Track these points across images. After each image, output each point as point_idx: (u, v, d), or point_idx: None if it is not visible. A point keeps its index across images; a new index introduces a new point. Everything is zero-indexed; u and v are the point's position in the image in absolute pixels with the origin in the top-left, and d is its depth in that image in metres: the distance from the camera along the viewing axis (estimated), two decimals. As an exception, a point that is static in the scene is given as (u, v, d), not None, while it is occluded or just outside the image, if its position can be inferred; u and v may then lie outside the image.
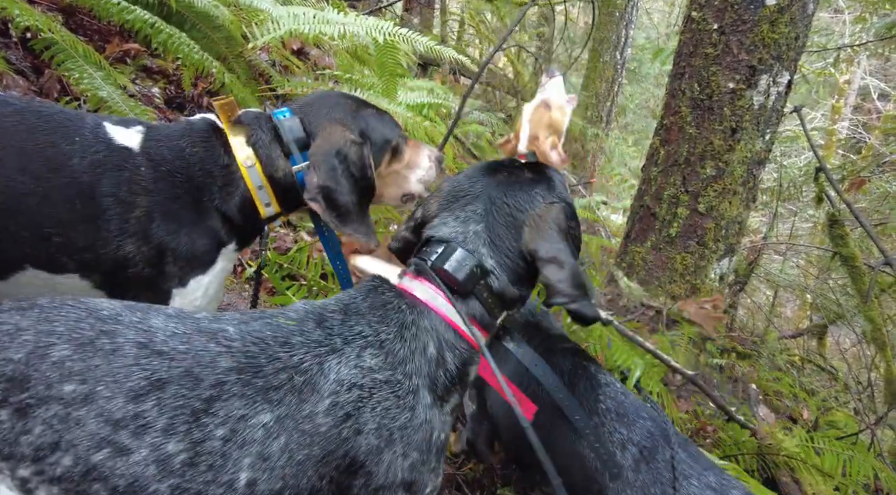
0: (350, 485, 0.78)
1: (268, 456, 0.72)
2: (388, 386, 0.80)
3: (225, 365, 0.74)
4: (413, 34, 2.53)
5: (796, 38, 2.44)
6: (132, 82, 2.51)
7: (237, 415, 0.71)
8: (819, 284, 5.04)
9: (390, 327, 0.85)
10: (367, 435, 0.78)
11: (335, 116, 1.17)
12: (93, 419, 0.66)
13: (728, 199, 2.53)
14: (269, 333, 0.79)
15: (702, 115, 2.50)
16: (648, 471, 1.06)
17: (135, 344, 0.72)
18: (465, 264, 0.89)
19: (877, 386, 3.88)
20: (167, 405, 0.69)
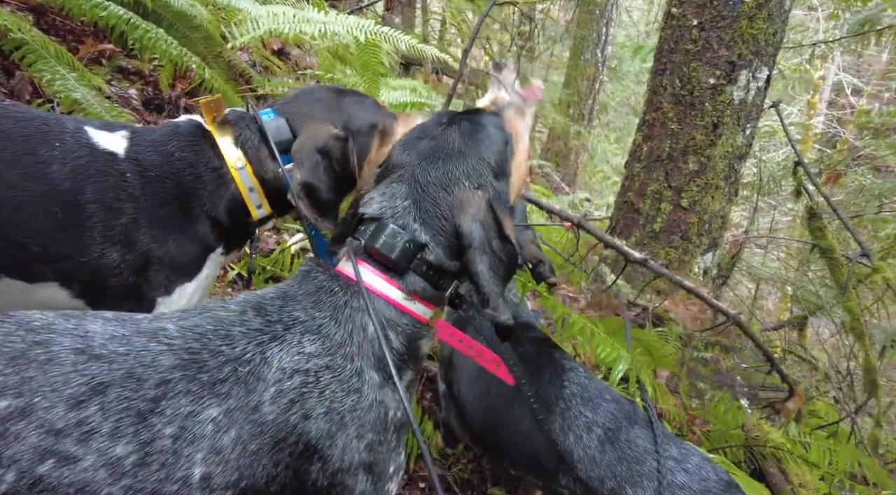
0: (307, 470, 0.78)
1: (220, 449, 0.72)
2: (329, 371, 0.80)
3: (168, 363, 0.73)
4: (395, 33, 2.51)
5: (774, 33, 2.47)
6: (108, 84, 2.45)
7: (185, 412, 0.71)
8: (799, 276, 5.13)
9: (324, 311, 0.84)
10: (317, 419, 0.78)
11: (317, 113, 1.16)
12: (33, 431, 0.65)
13: (711, 194, 2.55)
14: (210, 327, 0.78)
15: (683, 111, 2.53)
16: (613, 451, 1.11)
17: (71, 350, 0.71)
18: (397, 240, 0.86)
19: (856, 375, 3.96)
20: (111, 408, 0.69)
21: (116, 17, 2.10)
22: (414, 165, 0.90)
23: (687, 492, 1.02)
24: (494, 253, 0.86)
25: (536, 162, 5.65)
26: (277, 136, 1.12)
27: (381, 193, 0.90)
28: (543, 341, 1.36)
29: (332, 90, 1.22)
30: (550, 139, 6.79)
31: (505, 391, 1.27)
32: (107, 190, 1.01)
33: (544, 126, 6.67)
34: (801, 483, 1.55)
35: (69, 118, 1.10)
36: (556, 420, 1.17)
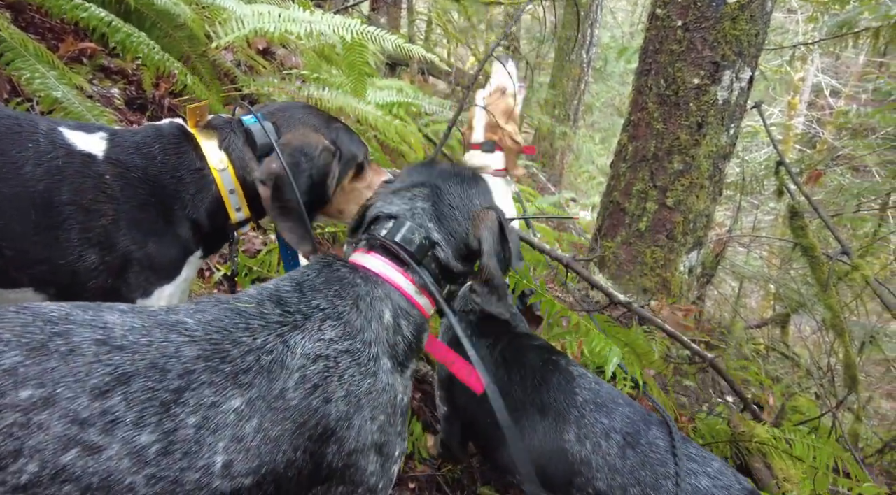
0: (324, 453, 0.81)
1: (242, 437, 0.74)
2: (349, 355, 0.84)
3: (190, 354, 0.74)
4: (381, 33, 2.50)
5: (756, 34, 2.51)
6: (89, 83, 2.41)
7: (208, 403, 0.73)
8: (781, 275, 5.21)
9: (346, 300, 0.88)
10: (336, 402, 0.81)
11: (310, 122, 1.16)
12: (57, 421, 0.65)
13: (696, 193, 2.58)
14: (228, 319, 0.80)
15: (668, 111, 2.55)
16: (635, 456, 1.08)
17: (92, 342, 0.71)
18: (415, 235, 0.95)
19: (836, 371, 4.03)
20: (135, 399, 0.70)
21: (97, 18, 2.07)
22: (435, 179, 1.02)
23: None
24: (499, 257, 0.99)
25: (522, 162, 5.67)
26: (263, 138, 1.11)
27: (401, 197, 1.00)
28: (546, 349, 1.34)
29: (326, 113, 1.25)
30: (536, 139, 6.83)
31: (509, 404, 1.22)
32: (85, 191, 0.99)
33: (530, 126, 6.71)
34: (786, 477, 1.57)
35: (42, 118, 1.07)
36: (570, 429, 1.14)
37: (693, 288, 2.91)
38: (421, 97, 4.37)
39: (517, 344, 1.34)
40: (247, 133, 1.12)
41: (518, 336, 1.39)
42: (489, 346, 1.35)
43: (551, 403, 1.19)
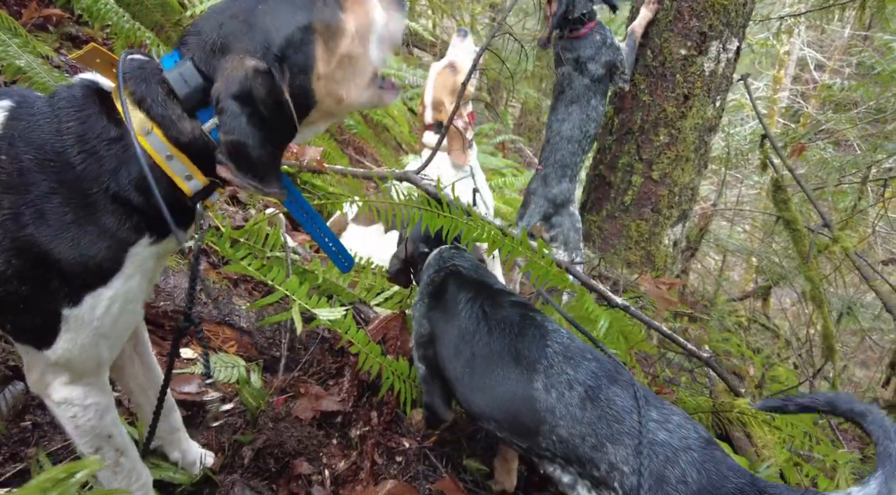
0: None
1: None
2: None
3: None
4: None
5: (744, 4, 2.47)
6: (56, 52, 2.31)
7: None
8: (764, 248, 5.28)
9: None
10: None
11: (228, 42, 0.88)
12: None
13: (681, 166, 2.57)
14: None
15: (655, 82, 2.52)
16: (594, 409, 1.13)
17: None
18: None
19: (814, 342, 4.13)
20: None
21: (61, -19, 1.97)
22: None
23: (667, 448, 1.05)
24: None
25: (508, 137, 5.62)
26: (185, 88, 0.87)
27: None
28: (524, 305, 1.39)
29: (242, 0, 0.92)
30: (523, 113, 6.75)
31: (486, 353, 1.29)
32: None
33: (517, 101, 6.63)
34: (764, 444, 1.61)
35: None
36: (539, 378, 1.20)
37: (677, 261, 2.93)
38: (405, 69, 4.27)
39: (497, 298, 1.39)
40: (166, 82, 0.88)
41: (498, 291, 1.43)
42: (469, 299, 1.39)
43: (524, 353, 1.24)
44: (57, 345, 0.90)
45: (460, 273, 1.50)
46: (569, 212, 2.36)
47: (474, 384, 1.29)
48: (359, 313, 1.96)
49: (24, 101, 0.88)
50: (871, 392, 4.10)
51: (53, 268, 0.84)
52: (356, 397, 1.74)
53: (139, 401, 1.29)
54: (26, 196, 0.82)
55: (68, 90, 0.89)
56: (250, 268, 1.63)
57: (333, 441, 1.63)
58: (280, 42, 0.89)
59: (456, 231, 1.52)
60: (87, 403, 0.98)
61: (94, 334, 0.92)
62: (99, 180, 0.85)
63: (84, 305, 0.88)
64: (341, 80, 0.97)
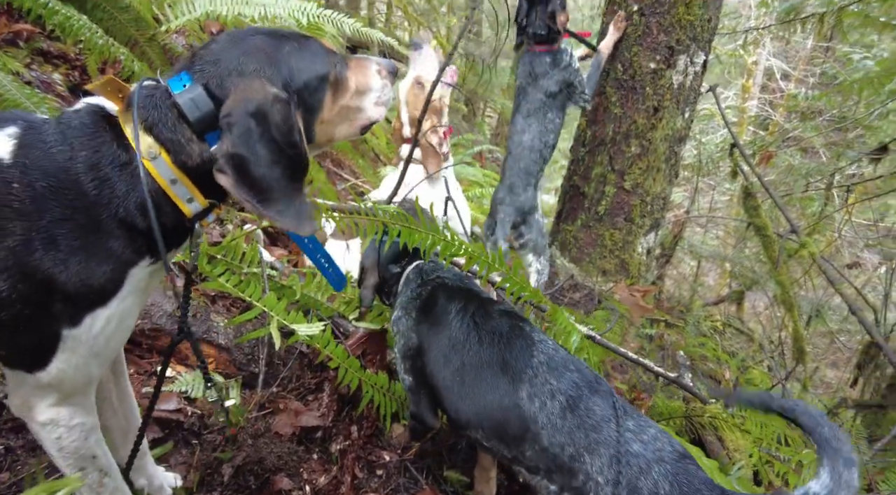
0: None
1: None
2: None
3: None
4: (339, 16, 2.45)
5: (709, 20, 2.56)
6: (26, 68, 2.29)
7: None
8: (736, 253, 5.41)
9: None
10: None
11: (249, 68, 0.92)
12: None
13: (652, 176, 2.64)
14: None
15: (626, 95, 2.59)
16: (573, 418, 1.15)
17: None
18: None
19: (786, 344, 4.23)
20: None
21: (32, 0, 1.96)
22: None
23: (641, 460, 1.08)
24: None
25: (486, 147, 5.68)
26: (196, 112, 0.90)
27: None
28: (512, 314, 1.42)
29: (266, 36, 0.97)
30: (500, 124, 6.83)
31: (476, 362, 1.32)
32: None
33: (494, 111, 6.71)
34: (736, 448, 1.66)
35: None
36: (524, 387, 1.23)
37: (652, 268, 3.00)
38: (382, 82, 4.28)
39: (486, 308, 1.42)
40: (177, 106, 0.91)
41: (486, 301, 1.46)
42: (460, 310, 1.41)
43: (511, 363, 1.27)
44: (51, 366, 0.91)
45: (447, 285, 1.52)
46: (535, 218, 2.42)
47: (463, 392, 1.32)
48: (337, 327, 1.97)
49: (31, 126, 0.89)
50: (840, 392, 4.22)
51: (58, 290, 0.86)
52: (336, 412, 1.75)
53: (109, 423, 1.26)
54: (38, 222, 0.84)
55: (77, 116, 0.91)
56: (228, 285, 1.63)
57: (314, 456, 1.63)
58: (299, 83, 0.97)
59: (433, 248, 1.55)
60: (72, 424, 0.97)
61: (88, 353, 0.93)
62: (109, 206, 0.88)
63: (83, 325, 0.90)
64: (338, 126, 1.08)
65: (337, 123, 1.08)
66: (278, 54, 0.96)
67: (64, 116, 0.92)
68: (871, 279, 5.26)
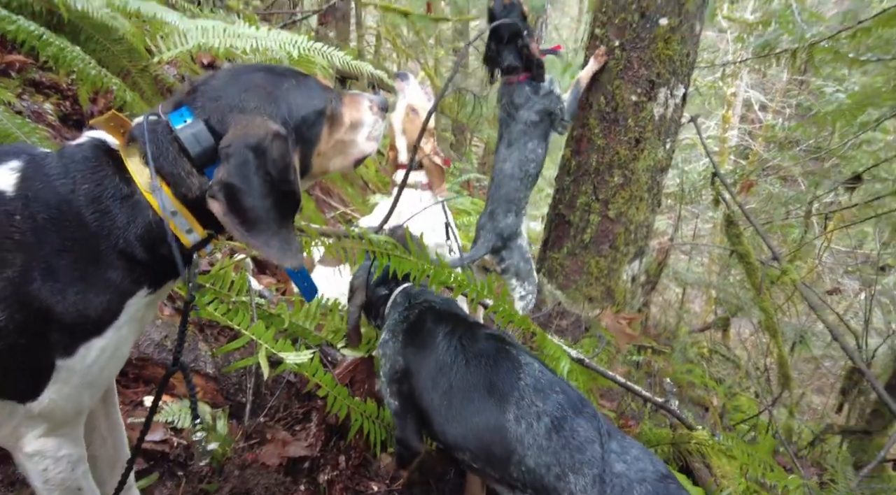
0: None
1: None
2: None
3: None
4: (328, 49, 2.51)
5: (688, 54, 2.66)
6: (18, 97, 2.31)
7: None
8: (721, 280, 5.48)
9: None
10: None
11: (250, 105, 0.95)
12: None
13: (636, 205, 2.70)
14: None
15: (608, 127, 2.67)
16: (559, 439, 1.17)
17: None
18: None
19: (772, 370, 4.27)
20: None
21: (26, 31, 1.98)
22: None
23: (624, 479, 1.10)
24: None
25: (474, 175, 5.76)
26: (197, 146, 0.92)
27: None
28: (500, 338, 1.45)
29: (264, 72, 1.01)
30: (486, 153, 6.95)
31: (464, 384, 1.33)
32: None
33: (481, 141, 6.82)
34: (723, 474, 1.66)
35: None
36: (511, 409, 1.25)
37: (638, 295, 3.03)
38: (371, 112, 4.35)
39: (473, 332, 1.44)
40: (178, 140, 0.93)
41: (473, 325, 1.49)
42: (448, 333, 1.43)
43: (498, 385, 1.29)
44: (43, 396, 0.90)
45: (434, 308, 1.55)
46: (517, 244, 2.45)
47: (451, 415, 1.33)
48: (325, 356, 1.97)
49: (34, 159, 0.91)
50: (826, 418, 4.25)
51: (55, 320, 0.86)
52: (324, 441, 1.73)
53: (97, 454, 1.24)
54: (39, 253, 0.85)
55: (79, 150, 0.93)
56: (216, 314, 1.63)
57: (301, 487, 1.61)
58: (297, 118, 1.00)
59: (423, 275, 1.57)
60: (59, 455, 0.96)
61: (81, 384, 0.92)
62: (109, 237, 0.90)
63: (77, 355, 0.90)
64: (332, 158, 1.12)
65: (332, 156, 1.12)
66: (277, 91, 0.99)
67: (67, 150, 0.94)
68: (852, 305, 5.35)
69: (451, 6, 6.00)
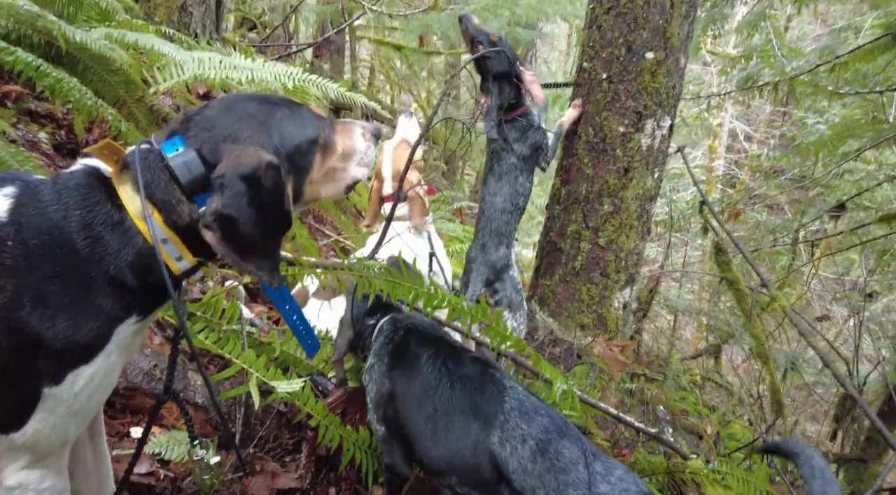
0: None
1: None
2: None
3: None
4: (323, 80, 2.57)
5: (673, 87, 2.74)
6: (13, 127, 2.33)
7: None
8: (711, 307, 5.51)
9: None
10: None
11: (243, 135, 0.96)
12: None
13: (625, 233, 2.73)
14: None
15: (597, 157, 2.72)
16: (544, 461, 1.18)
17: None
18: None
19: (765, 398, 4.26)
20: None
21: (24, 62, 2.02)
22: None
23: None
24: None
25: (465, 203, 5.81)
26: (187, 174, 0.92)
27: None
28: (484, 361, 1.45)
29: (258, 102, 1.02)
30: (478, 181, 7.02)
31: (448, 408, 1.33)
32: None
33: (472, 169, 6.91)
34: (719, 504, 1.65)
35: None
36: (496, 432, 1.24)
37: (629, 323, 3.04)
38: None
39: (458, 356, 1.45)
40: (169, 168, 0.93)
41: (457, 348, 1.50)
42: (432, 356, 1.44)
43: (483, 408, 1.30)
44: (28, 426, 0.88)
45: (418, 329, 1.55)
46: (509, 275, 2.48)
47: (436, 439, 1.33)
48: (317, 385, 1.95)
49: (28, 186, 0.91)
50: (821, 446, 4.22)
51: (44, 347, 0.85)
52: (314, 473, 1.70)
53: (80, 488, 1.21)
54: (29, 279, 0.85)
55: (73, 177, 0.94)
56: (207, 342, 1.62)
57: (290, 520, 1.58)
58: (290, 147, 1.01)
59: (416, 302, 1.57)
60: (42, 487, 0.94)
61: (67, 413, 0.90)
62: (100, 264, 0.90)
63: (65, 383, 0.88)
64: (324, 185, 1.13)
65: (324, 183, 1.13)
66: (271, 120, 1.00)
67: (60, 177, 0.94)
68: (841, 332, 5.39)
69: (443, 40, 6.15)
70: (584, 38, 2.85)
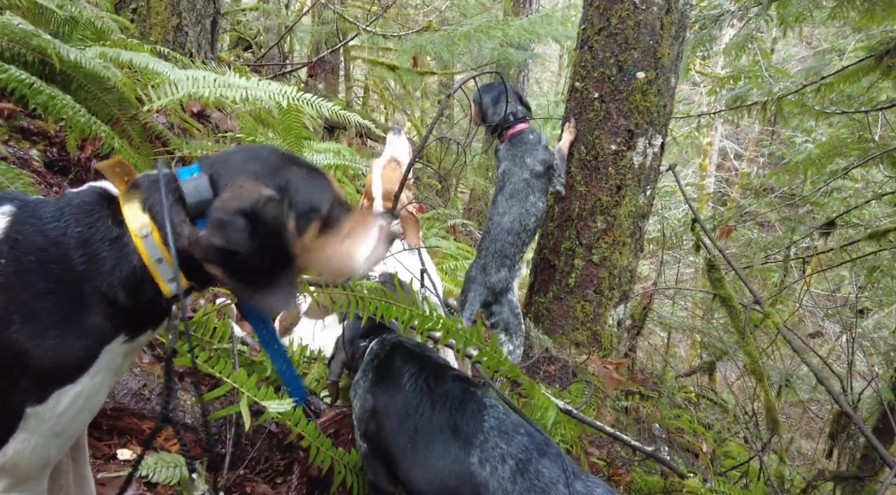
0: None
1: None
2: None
3: None
4: (317, 99, 2.58)
5: (664, 106, 2.78)
6: (4, 144, 2.32)
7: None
8: (705, 324, 5.51)
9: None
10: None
11: (250, 169, 0.97)
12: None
13: (619, 250, 2.74)
14: None
15: (590, 175, 2.74)
16: (524, 481, 1.15)
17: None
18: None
19: (760, 415, 4.25)
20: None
21: (17, 80, 2.02)
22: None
23: None
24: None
25: (459, 221, 5.83)
26: (196, 196, 0.93)
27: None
28: (466, 380, 1.44)
29: (280, 153, 1.04)
30: (472, 199, 7.06)
31: (428, 427, 1.31)
32: None
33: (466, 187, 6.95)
34: (716, 524, 1.63)
35: None
36: (475, 452, 1.23)
37: (623, 340, 3.04)
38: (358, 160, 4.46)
39: (439, 374, 1.43)
40: (179, 190, 0.94)
41: (440, 367, 1.48)
42: (414, 374, 1.42)
43: (463, 428, 1.28)
44: (8, 447, 0.86)
45: (404, 346, 1.55)
46: (507, 298, 2.43)
47: (416, 458, 1.31)
48: (308, 405, 1.92)
49: (26, 205, 0.91)
50: (817, 463, 4.20)
51: (31, 365, 0.84)
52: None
53: None
54: (21, 296, 0.84)
55: (78, 195, 0.94)
56: (197, 361, 1.60)
57: (280, 545, 1.54)
58: (293, 198, 0.99)
59: (411, 322, 1.56)
60: None
61: (49, 433, 0.88)
62: (94, 280, 0.89)
63: (49, 402, 0.86)
64: (317, 259, 1.07)
65: (317, 257, 1.07)
66: (284, 169, 1.00)
67: (65, 196, 0.95)
68: (834, 348, 5.40)
69: (436, 61, 6.23)
70: (576, 58, 2.90)
